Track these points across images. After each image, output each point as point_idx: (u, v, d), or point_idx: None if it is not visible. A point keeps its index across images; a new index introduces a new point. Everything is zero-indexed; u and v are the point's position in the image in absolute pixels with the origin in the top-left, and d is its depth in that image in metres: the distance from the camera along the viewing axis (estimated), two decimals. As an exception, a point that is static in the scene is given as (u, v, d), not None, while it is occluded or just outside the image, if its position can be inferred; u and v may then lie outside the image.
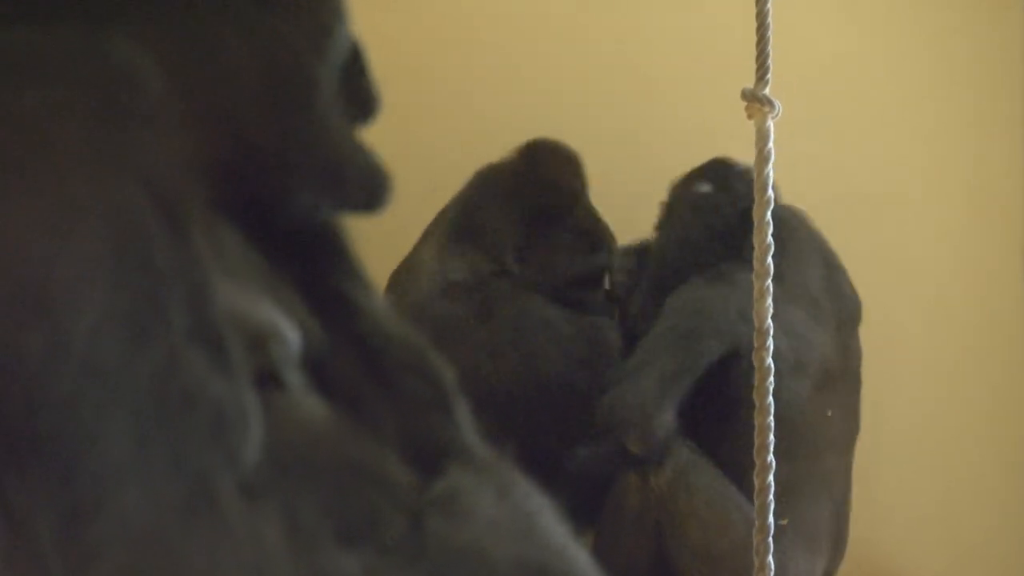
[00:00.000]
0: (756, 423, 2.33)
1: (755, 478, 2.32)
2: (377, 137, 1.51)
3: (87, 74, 1.21)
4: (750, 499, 2.84)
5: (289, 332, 1.33)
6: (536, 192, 3.48)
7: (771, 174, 2.30)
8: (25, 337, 1.13)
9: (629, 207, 3.86)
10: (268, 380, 1.29)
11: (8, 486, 1.13)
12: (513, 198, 3.46)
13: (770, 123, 2.29)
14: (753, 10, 2.29)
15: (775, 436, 3.19)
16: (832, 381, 3.34)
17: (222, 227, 1.34)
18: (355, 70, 1.50)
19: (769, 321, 2.34)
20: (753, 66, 2.28)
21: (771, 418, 2.33)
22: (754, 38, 2.28)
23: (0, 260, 1.13)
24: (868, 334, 3.46)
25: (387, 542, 1.29)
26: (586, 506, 3.24)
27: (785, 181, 2.58)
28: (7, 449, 1.13)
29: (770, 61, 2.28)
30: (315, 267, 1.50)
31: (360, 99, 1.50)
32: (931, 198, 4.11)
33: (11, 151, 1.16)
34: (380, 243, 3.44)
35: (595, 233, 3.54)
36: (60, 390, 1.13)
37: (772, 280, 3.23)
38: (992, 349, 4.12)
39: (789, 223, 3.36)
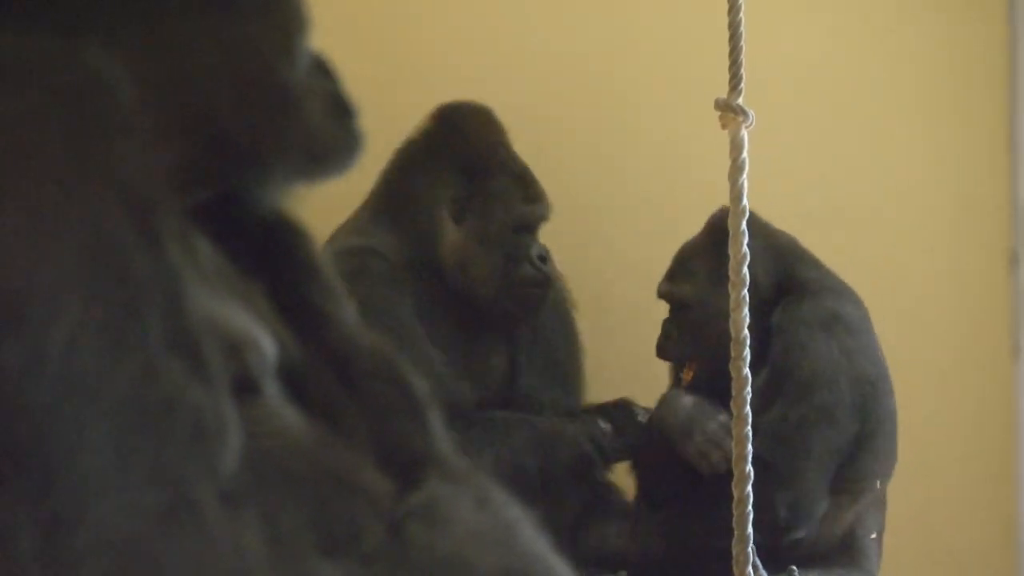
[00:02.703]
0: (734, 433, 2.33)
1: (733, 488, 2.32)
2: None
3: (61, 83, 1.21)
4: None
5: (265, 341, 1.33)
6: (460, 146, 3.40)
7: (745, 184, 2.31)
8: (1, 349, 1.13)
9: (599, 216, 3.87)
10: (245, 388, 1.29)
11: None
12: (437, 159, 3.39)
13: (744, 133, 2.30)
14: (726, 20, 2.30)
15: (889, 455, 3.29)
16: None
17: (196, 236, 1.34)
18: (324, 78, 1.51)
19: (746, 331, 2.34)
20: (727, 76, 2.29)
21: (748, 428, 2.33)
22: (727, 48, 2.29)
23: None
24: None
25: (368, 551, 1.29)
26: None
27: (760, 191, 2.58)
28: None
29: (743, 71, 2.29)
30: (285, 279, 1.50)
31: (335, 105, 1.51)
32: (911, 208, 4.11)
33: None
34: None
35: (528, 179, 3.46)
36: (38, 401, 1.13)
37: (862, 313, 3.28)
38: (974, 360, 4.13)
39: (813, 258, 3.41)
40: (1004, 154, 4.14)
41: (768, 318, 3.28)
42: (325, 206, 1.63)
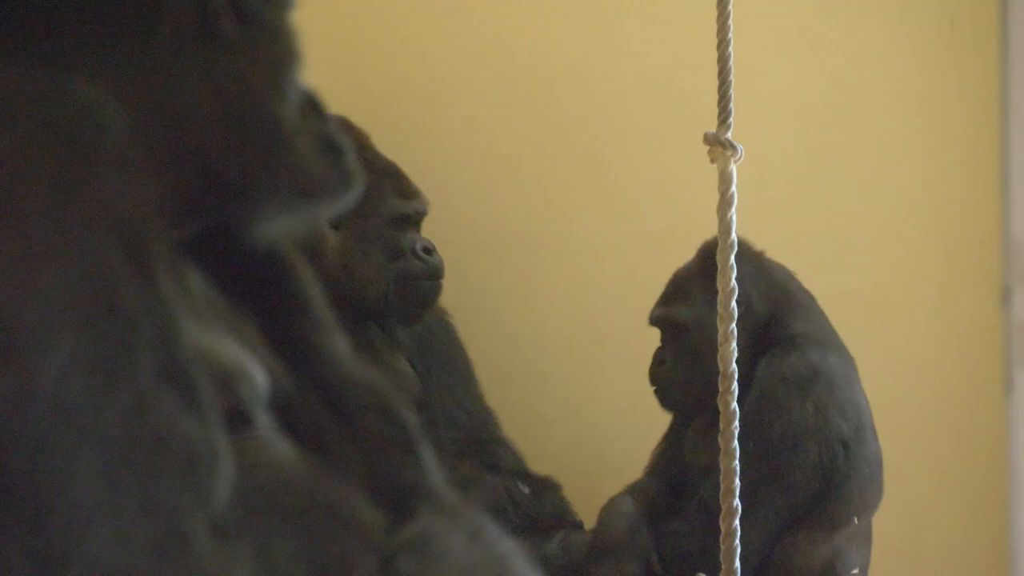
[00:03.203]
0: (722, 467, 2.33)
1: (721, 522, 2.32)
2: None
3: (51, 116, 1.21)
4: None
5: (256, 373, 1.33)
6: None
7: (734, 217, 2.31)
8: None
9: (590, 248, 3.88)
10: (237, 420, 1.29)
11: None
12: None
13: (733, 167, 2.30)
14: (715, 55, 2.31)
15: (867, 493, 3.29)
16: None
17: (187, 269, 1.34)
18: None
19: (734, 365, 2.34)
20: (716, 110, 2.29)
21: (736, 463, 2.33)
22: (716, 83, 2.30)
23: None
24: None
25: (360, 584, 1.29)
26: None
27: (750, 224, 2.59)
28: None
29: (732, 105, 2.29)
30: (278, 312, 1.50)
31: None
32: (902, 242, 4.11)
33: None
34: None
35: (399, 176, 3.45)
36: (29, 434, 1.12)
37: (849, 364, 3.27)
38: (965, 395, 4.13)
39: (806, 299, 3.44)
40: (995, 188, 4.15)
41: (762, 343, 3.31)
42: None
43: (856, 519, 3.30)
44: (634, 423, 3.76)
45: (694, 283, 3.38)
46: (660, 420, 3.50)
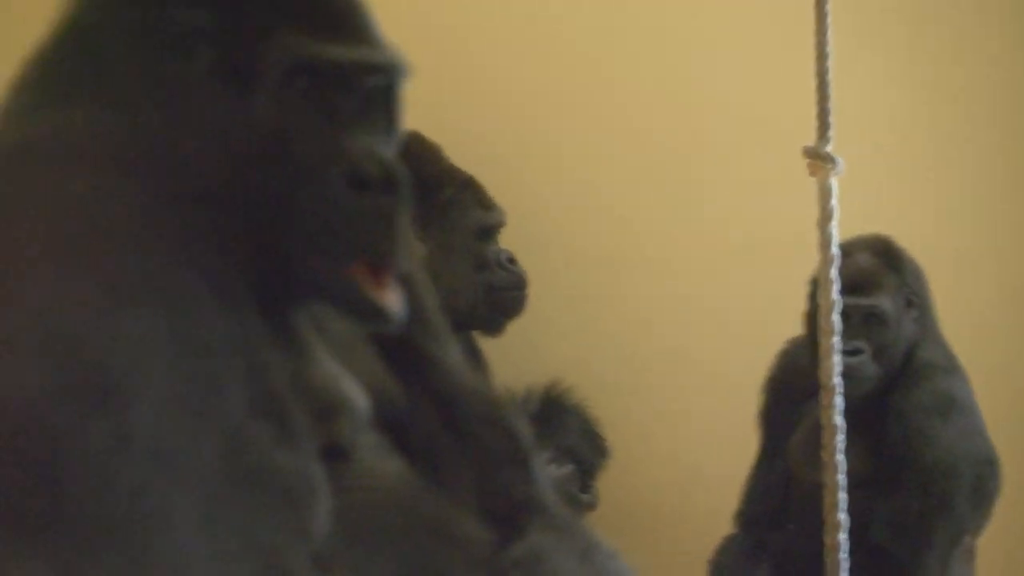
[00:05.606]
0: (827, 481, 2.30)
1: (825, 537, 2.30)
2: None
3: (126, 155, 1.21)
4: None
5: (359, 399, 1.33)
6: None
7: (835, 231, 2.29)
8: (89, 427, 1.12)
9: (688, 266, 3.86)
10: (338, 449, 1.28)
11: (83, 574, 1.11)
12: None
13: (833, 180, 2.27)
14: (803, 68, 2.29)
15: (988, 516, 3.31)
16: None
17: (281, 296, 1.31)
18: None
19: (837, 378, 2.31)
20: (815, 124, 2.27)
21: (842, 475, 2.30)
22: (801, 96, 2.28)
23: (59, 349, 1.12)
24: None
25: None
26: None
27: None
28: (81, 537, 1.12)
29: (831, 118, 2.27)
30: None
31: None
32: (996, 255, 4.07)
33: (66, 237, 1.16)
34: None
35: (477, 187, 3.48)
36: (128, 478, 1.12)
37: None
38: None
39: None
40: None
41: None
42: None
43: (968, 537, 3.29)
44: (727, 437, 3.73)
45: (882, 275, 3.33)
46: (753, 434, 3.48)
